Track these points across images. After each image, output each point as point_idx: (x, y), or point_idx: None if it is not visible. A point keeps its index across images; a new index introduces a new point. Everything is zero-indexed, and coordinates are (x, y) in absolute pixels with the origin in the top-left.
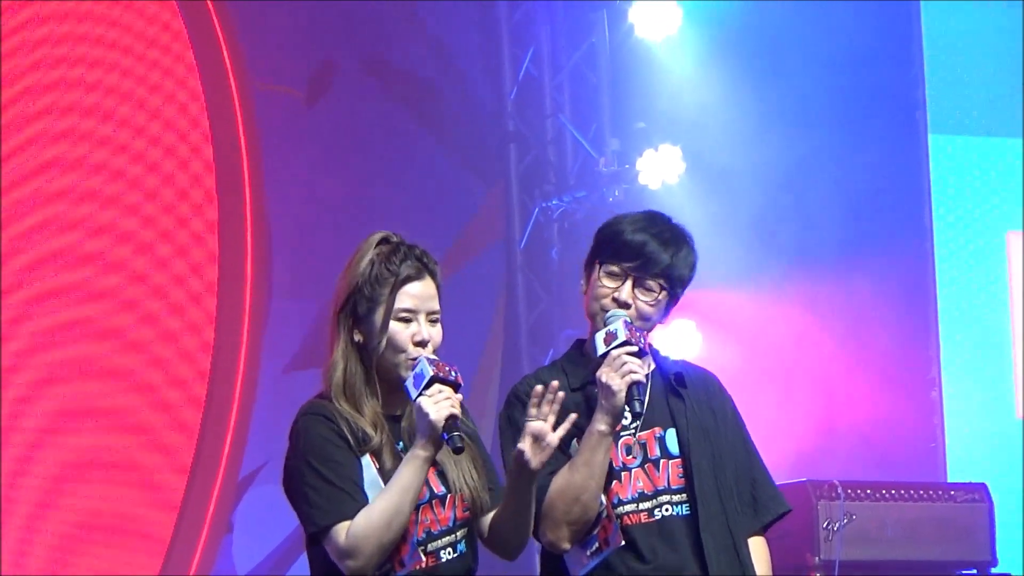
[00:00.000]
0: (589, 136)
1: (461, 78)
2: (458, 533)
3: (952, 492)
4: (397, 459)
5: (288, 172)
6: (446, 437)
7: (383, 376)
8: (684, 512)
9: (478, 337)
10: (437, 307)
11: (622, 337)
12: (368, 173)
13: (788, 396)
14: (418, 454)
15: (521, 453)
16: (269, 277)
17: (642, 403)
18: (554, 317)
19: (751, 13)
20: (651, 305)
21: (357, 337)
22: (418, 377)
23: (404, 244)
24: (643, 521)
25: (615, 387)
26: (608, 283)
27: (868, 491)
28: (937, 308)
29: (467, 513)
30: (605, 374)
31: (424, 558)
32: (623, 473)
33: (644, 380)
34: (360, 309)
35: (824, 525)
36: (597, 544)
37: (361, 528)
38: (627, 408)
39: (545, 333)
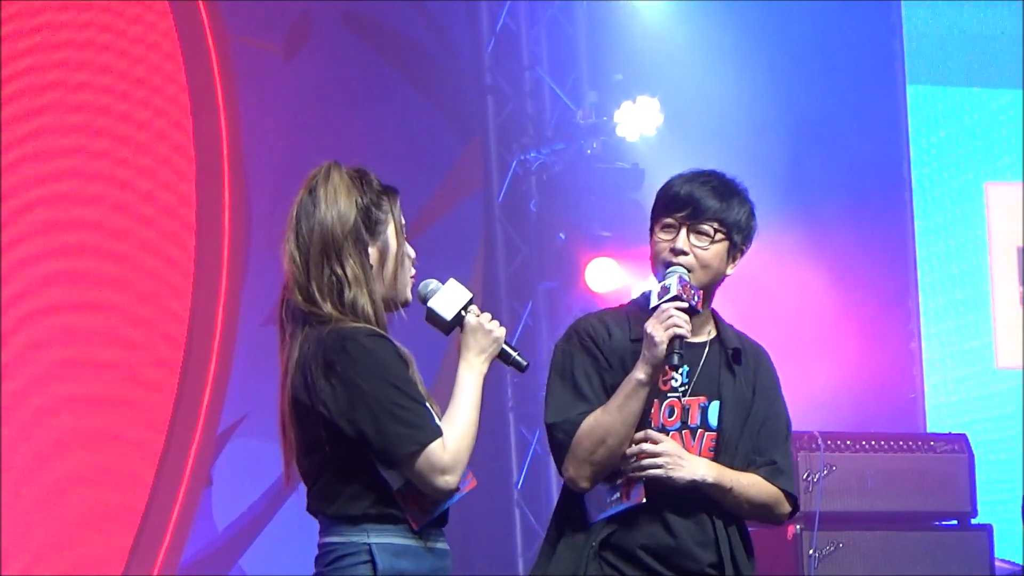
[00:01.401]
0: (567, 88)
1: (439, 31)
2: None
3: (932, 443)
4: (422, 383)
5: (266, 126)
6: (510, 358)
7: (388, 299)
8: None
9: None
10: None
11: (674, 291)
12: (346, 126)
13: (767, 347)
14: (481, 370)
15: None
16: (247, 230)
17: (681, 357)
18: (532, 269)
19: None
20: (706, 250)
21: (371, 260)
22: (454, 297)
23: (360, 167)
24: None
25: (657, 338)
26: (664, 236)
27: (848, 442)
28: (916, 259)
29: None
30: (651, 325)
31: (473, 480)
32: (659, 434)
33: (687, 335)
34: (370, 229)
35: (804, 476)
36: (618, 494)
37: (456, 441)
38: (666, 361)
39: (524, 285)
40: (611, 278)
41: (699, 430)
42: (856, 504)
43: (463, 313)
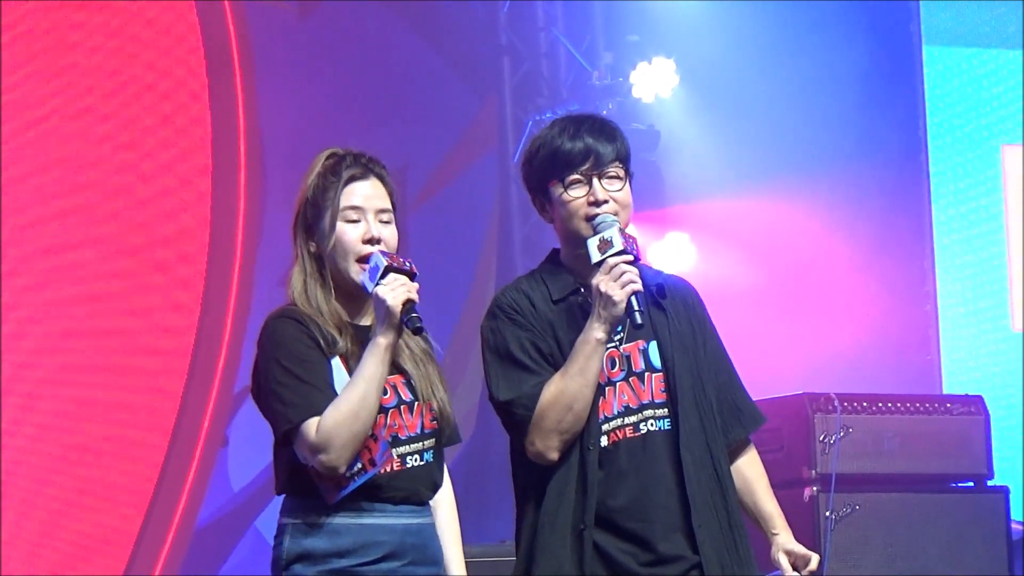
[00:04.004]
0: (582, 49)
1: None
2: (425, 442)
3: (948, 405)
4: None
5: (281, 86)
6: (405, 320)
7: (341, 284)
8: (666, 427)
9: (472, 248)
10: (387, 206)
11: (618, 245)
12: (361, 86)
13: (783, 309)
14: (378, 342)
15: None
16: (262, 189)
17: (643, 314)
18: (547, 229)
19: None
20: (622, 191)
21: (312, 247)
22: (373, 270)
23: (349, 153)
24: (628, 436)
25: (616, 297)
26: (577, 192)
27: (864, 404)
28: (932, 221)
29: (435, 423)
30: (604, 283)
31: (395, 459)
32: (607, 388)
33: (641, 289)
34: (310, 218)
35: (820, 438)
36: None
37: (330, 420)
38: (630, 320)
39: (538, 245)
40: None
41: (646, 373)
42: (872, 466)
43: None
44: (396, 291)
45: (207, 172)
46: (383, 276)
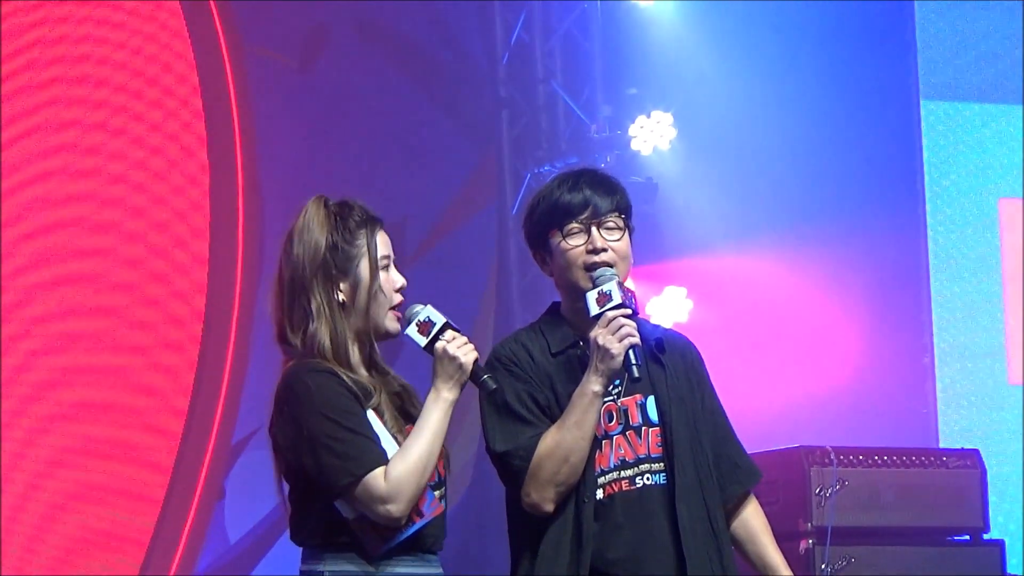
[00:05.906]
0: (581, 102)
1: (453, 43)
2: (443, 489)
3: (944, 458)
4: (394, 416)
5: (280, 138)
6: (480, 381)
7: (364, 333)
8: (662, 481)
9: (471, 301)
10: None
11: (617, 299)
12: (360, 139)
13: (780, 362)
14: (446, 397)
15: None
16: (261, 241)
17: (640, 368)
18: (546, 283)
19: None
20: (620, 241)
21: (340, 296)
22: (427, 324)
23: (347, 199)
24: (624, 489)
25: (614, 351)
26: (576, 241)
27: (861, 457)
28: (930, 274)
29: (445, 471)
30: (601, 336)
31: (439, 506)
32: (604, 441)
33: (639, 343)
34: (339, 266)
35: (816, 491)
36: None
37: (401, 471)
38: (627, 373)
39: (537, 299)
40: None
41: (643, 428)
42: (869, 519)
43: (437, 340)
44: (464, 349)
45: (206, 225)
46: (441, 331)
